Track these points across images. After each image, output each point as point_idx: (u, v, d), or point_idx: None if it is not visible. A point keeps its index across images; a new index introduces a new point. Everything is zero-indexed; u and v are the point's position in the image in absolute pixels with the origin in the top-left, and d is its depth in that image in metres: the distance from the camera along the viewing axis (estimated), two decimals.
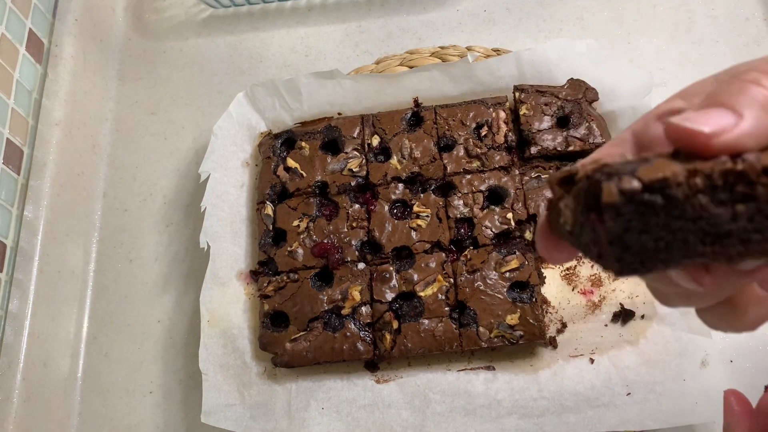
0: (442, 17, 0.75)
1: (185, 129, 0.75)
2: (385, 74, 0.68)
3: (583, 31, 0.72)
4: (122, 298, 0.69)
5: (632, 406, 0.55)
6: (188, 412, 0.64)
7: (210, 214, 0.64)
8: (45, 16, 0.72)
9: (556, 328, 0.60)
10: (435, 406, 0.58)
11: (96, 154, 0.74)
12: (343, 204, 0.64)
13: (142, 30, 0.80)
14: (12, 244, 0.64)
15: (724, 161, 0.22)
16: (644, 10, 0.73)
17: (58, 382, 0.64)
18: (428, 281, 0.59)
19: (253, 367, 0.61)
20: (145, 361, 0.66)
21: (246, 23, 0.79)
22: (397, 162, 0.64)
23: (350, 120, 0.67)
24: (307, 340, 0.59)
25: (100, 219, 0.72)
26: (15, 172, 0.65)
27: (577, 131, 0.62)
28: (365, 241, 0.62)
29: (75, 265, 0.69)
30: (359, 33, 0.76)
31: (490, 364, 0.59)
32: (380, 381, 0.60)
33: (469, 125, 0.65)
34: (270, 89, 0.68)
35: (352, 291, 0.60)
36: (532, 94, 0.64)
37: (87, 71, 0.74)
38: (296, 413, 0.59)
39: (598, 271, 0.62)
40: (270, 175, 0.66)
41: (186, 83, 0.77)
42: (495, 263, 0.59)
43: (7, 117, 0.64)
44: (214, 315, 0.62)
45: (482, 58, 0.68)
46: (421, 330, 0.58)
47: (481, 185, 0.62)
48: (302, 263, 0.62)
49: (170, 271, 0.69)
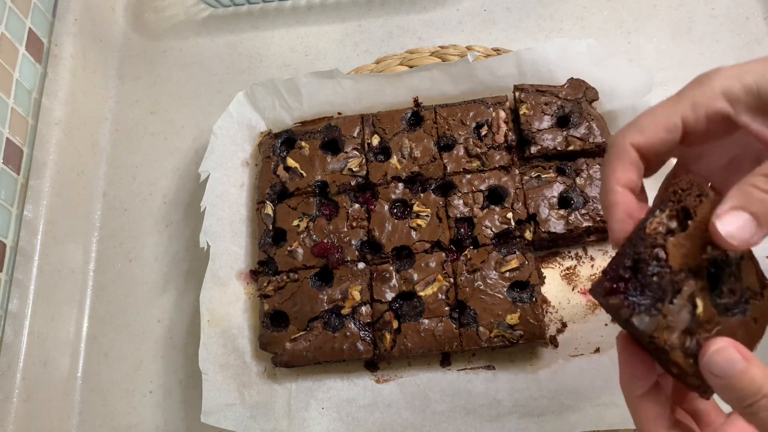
0: (442, 17, 0.75)
1: (185, 129, 0.75)
2: (385, 74, 0.68)
3: (583, 30, 0.72)
4: (122, 298, 0.69)
5: None
6: (188, 412, 0.64)
7: (210, 214, 0.64)
8: (45, 16, 0.72)
9: (556, 327, 0.60)
10: (435, 406, 0.58)
11: (96, 153, 0.74)
12: (343, 204, 0.64)
13: (141, 29, 0.80)
14: (12, 244, 0.63)
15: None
16: (644, 9, 0.73)
17: (58, 382, 0.64)
18: (428, 281, 0.59)
19: (253, 367, 0.61)
20: (144, 360, 0.66)
21: (246, 23, 0.79)
22: (397, 162, 0.64)
23: (350, 119, 0.67)
24: (307, 339, 0.59)
25: (99, 219, 0.72)
26: (15, 172, 0.65)
27: (577, 131, 0.62)
28: (365, 241, 0.62)
29: (75, 265, 0.68)
30: (359, 32, 0.76)
31: (490, 364, 0.59)
32: (380, 381, 0.60)
33: (469, 125, 0.65)
34: (270, 89, 0.68)
35: (352, 291, 0.60)
36: (532, 93, 0.64)
37: (87, 71, 0.74)
38: (296, 413, 0.59)
39: (598, 270, 0.62)
40: (270, 174, 0.66)
41: (186, 83, 0.77)
42: (495, 263, 0.59)
43: (6, 116, 0.64)
44: (214, 315, 0.62)
45: (482, 57, 0.68)
46: (421, 330, 0.58)
47: (481, 185, 0.62)
48: (302, 263, 0.62)
49: (170, 270, 0.69)
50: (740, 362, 0.30)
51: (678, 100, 0.35)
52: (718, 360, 0.31)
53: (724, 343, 0.32)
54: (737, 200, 0.32)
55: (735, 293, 0.34)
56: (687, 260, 0.33)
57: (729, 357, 0.31)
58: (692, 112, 0.34)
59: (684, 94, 0.35)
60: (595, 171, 0.62)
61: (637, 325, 0.33)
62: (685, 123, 0.35)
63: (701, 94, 0.34)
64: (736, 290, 0.34)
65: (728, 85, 0.33)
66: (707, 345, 0.32)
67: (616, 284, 0.33)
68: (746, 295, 0.35)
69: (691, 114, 0.34)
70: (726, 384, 0.31)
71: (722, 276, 0.34)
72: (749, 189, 0.32)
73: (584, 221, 0.60)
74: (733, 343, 0.32)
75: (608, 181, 0.36)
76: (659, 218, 0.34)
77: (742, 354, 0.31)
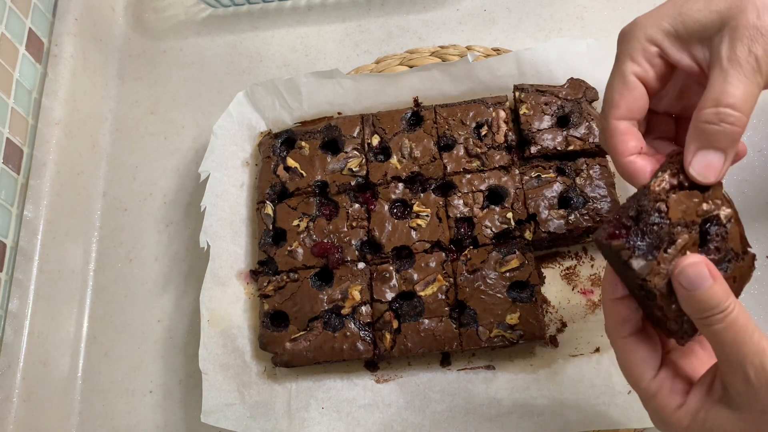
0: (442, 17, 0.75)
1: (185, 128, 0.75)
2: (385, 74, 0.68)
3: (583, 30, 0.72)
4: (122, 298, 0.69)
5: (633, 404, 0.55)
6: (188, 412, 0.64)
7: (210, 214, 0.64)
8: (45, 16, 0.72)
9: (556, 327, 0.60)
10: (435, 406, 0.58)
11: (96, 153, 0.74)
12: (343, 203, 0.64)
13: (141, 29, 0.80)
14: (12, 244, 0.64)
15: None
16: (644, 9, 0.72)
17: (58, 382, 0.64)
18: (428, 281, 0.59)
19: (253, 367, 0.61)
20: (144, 360, 0.66)
21: (246, 23, 0.79)
22: (397, 161, 0.64)
23: (350, 119, 0.67)
24: (307, 339, 0.59)
25: (99, 219, 0.72)
26: (15, 172, 0.65)
27: (577, 130, 0.62)
28: (365, 241, 0.62)
29: (75, 265, 0.69)
30: (359, 32, 0.76)
31: (490, 364, 0.59)
32: (380, 380, 0.60)
33: (469, 125, 0.65)
34: (270, 89, 0.68)
35: (352, 291, 0.60)
36: (532, 93, 0.64)
37: (87, 71, 0.74)
38: (296, 413, 0.59)
39: (598, 270, 0.62)
40: (270, 174, 0.66)
41: (186, 83, 0.77)
42: (495, 263, 0.59)
43: (7, 116, 0.64)
44: (214, 315, 0.62)
45: (482, 57, 0.68)
46: (421, 329, 0.58)
47: (481, 185, 0.62)
48: (302, 263, 0.62)
49: (170, 270, 0.69)
50: (707, 278, 0.34)
51: (620, 63, 0.39)
52: (690, 272, 0.35)
53: (697, 258, 0.35)
54: (696, 142, 0.36)
55: (720, 251, 0.38)
56: (684, 216, 0.37)
57: (699, 272, 0.34)
58: (637, 66, 0.39)
59: (620, 56, 0.40)
60: (595, 171, 0.62)
61: (635, 266, 0.36)
62: (638, 77, 0.39)
63: (633, 48, 0.39)
64: (722, 249, 0.38)
65: (650, 34, 0.38)
66: (682, 259, 0.35)
67: (619, 230, 0.37)
68: (730, 255, 0.38)
69: (638, 67, 0.39)
70: (691, 296, 0.35)
71: (711, 235, 0.38)
72: (702, 127, 0.36)
73: (584, 221, 0.60)
74: (706, 261, 0.35)
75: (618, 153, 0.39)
76: (662, 177, 0.37)
77: (711, 272, 0.34)
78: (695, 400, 0.37)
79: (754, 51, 0.35)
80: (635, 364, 0.39)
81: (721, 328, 0.34)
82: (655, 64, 0.39)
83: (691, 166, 0.36)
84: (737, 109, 0.35)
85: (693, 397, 0.37)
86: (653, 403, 0.38)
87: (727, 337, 0.34)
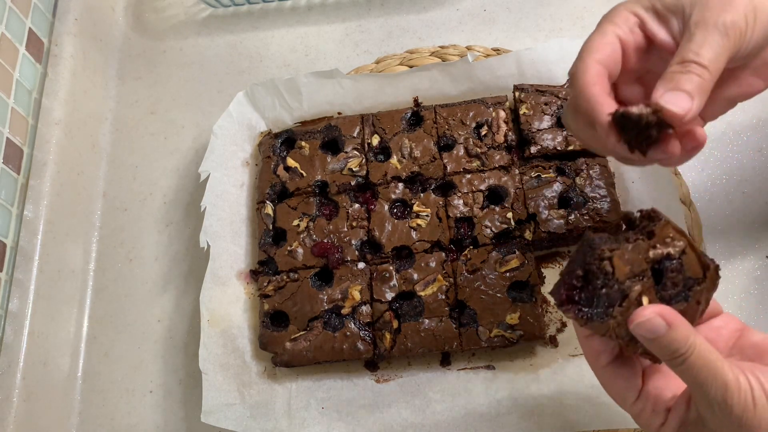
0: (442, 17, 0.75)
1: (185, 129, 0.75)
2: (385, 74, 0.68)
3: (583, 30, 0.72)
4: (122, 298, 0.69)
5: None
6: (188, 412, 0.64)
7: (210, 214, 0.64)
8: (45, 16, 0.72)
9: (555, 327, 0.60)
10: (435, 406, 0.58)
11: (96, 153, 0.74)
12: (343, 203, 0.64)
13: (141, 29, 0.80)
14: (12, 244, 0.64)
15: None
16: None
17: (58, 382, 0.64)
18: (428, 281, 0.59)
19: (253, 367, 0.61)
20: (144, 360, 0.66)
21: (246, 23, 0.79)
22: (397, 161, 0.64)
23: (350, 119, 0.67)
24: (307, 339, 0.59)
25: (100, 219, 0.72)
26: (15, 172, 0.65)
27: None
28: (365, 241, 0.62)
29: (75, 265, 0.69)
30: (359, 32, 0.76)
31: (490, 364, 0.59)
32: (380, 380, 0.60)
33: (469, 125, 0.65)
34: (270, 89, 0.68)
35: (352, 290, 0.60)
36: (532, 93, 0.64)
37: (87, 70, 0.74)
38: (296, 413, 0.59)
39: None
40: (270, 174, 0.66)
41: (186, 83, 0.77)
42: (495, 263, 0.59)
43: (7, 116, 0.64)
44: (214, 315, 0.62)
45: (482, 57, 0.68)
46: (421, 329, 0.58)
47: (481, 185, 0.62)
48: (302, 263, 0.62)
49: (170, 270, 0.69)
50: (662, 327, 0.35)
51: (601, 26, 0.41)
52: (644, 327, 0.35)
53: (648, 312, 0.35)
54: (665, 84, 0.37)
55: (678, 285, 0.38)
56: (632, 268, 0.36)
57: (653, 324, 0.35)
58: (618, 29, 0.40)
59: (602, 22, 0.41)
60: (595, 171, 0.62)
61: (592, 327, 0.38)
62: (618, 37, 0.40)
63: (615, 15, 0.41)
64: (678, 282, 0.38)
65: (631, 7, 0.40)
66: (636, 313, 0.35)
67: (569, 293, 0.38)
68: (689, 283, 0.38)
69: (618, 29, 0.40)
70: (651, 344, 0.35)
71: (666, 272, 0.38)
72: (669, 75, 0.37)
73: (584, 221, 0.60)
74: (659, 309, 0.35)
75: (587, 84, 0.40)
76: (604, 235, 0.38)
77: (665, 318, 0.35)
78: (675, 419, 0.38)
79: (722, 18, 0.36)
80: (617, 390, 0.40)
81: (683, 369, 0.35)
82: (635, 33, 0.40)
83: (662, 98, 0.36)
84: (702, 64, 0.36)
85: (673, 417, 0.38)
86: (639, 422, 0.40)
87: (689, 376, 0.35)
